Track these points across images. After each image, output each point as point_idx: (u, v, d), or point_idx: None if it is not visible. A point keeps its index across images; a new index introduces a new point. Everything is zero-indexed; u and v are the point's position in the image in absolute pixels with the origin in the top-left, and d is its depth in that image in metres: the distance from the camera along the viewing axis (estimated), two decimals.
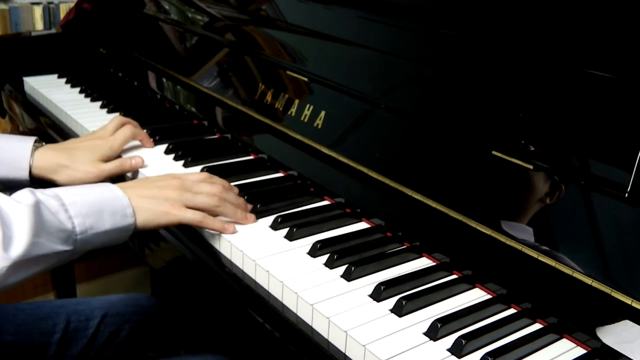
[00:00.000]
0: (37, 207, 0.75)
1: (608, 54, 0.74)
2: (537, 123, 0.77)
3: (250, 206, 0.92)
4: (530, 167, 0.75)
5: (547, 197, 0.74)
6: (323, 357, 0.70)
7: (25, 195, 0.76)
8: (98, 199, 0.81)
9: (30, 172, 1.02)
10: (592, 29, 0.76)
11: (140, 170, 1.06)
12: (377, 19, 1.01)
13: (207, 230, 0.87)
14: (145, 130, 1.15)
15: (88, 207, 0.80)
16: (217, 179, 0.93)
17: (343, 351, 0.69)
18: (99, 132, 1.11)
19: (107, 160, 1.05)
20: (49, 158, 1.03)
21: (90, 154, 1.04)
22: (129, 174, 1.07)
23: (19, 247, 0.72)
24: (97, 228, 0.80)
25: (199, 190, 0.89)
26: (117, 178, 1.05)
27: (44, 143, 1.07)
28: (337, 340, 0.69)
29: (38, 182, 1.04)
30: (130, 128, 1.10)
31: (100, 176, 1.03)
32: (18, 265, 0.72)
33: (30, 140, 1.05)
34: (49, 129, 1.33)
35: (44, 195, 0.78)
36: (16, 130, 1.53)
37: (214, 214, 0.87)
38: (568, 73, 0.76)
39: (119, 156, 1.08)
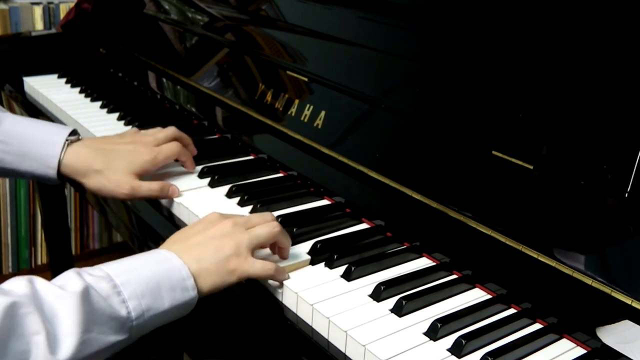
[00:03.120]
0: (86, 295, 0.63)
1: (608, 53, 0.74)
2: (537, 123, 0.77)
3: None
4: (530, 167, 0.75)
5: (546, 197, 0.74)
6: (323, 357, 0.70)
7: (71, 280, 0.64)
8: (154, 274, 0.69)
9: (59, 168, 0.93)
10: (592, 29, 0.76)
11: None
12: (377, 19, 1.01)
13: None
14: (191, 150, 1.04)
15: (144, 285, 0.67)
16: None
17: (343, 351, 0.69)
18: (144, 137, 0.99)
19: (145, 173, 0.94)
20: (82, 157, 0.93)
21: (128, 164, 0.93)
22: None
23: (67, 348, 0.60)
24: (155, 309, 0.68)
25: (253, 223, 0.77)
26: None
27: (80, 136, 0.96)
28: (337, 340, 0.69)
29: (67, 180, 0.97)
30: (178, 145, 0.99)
31: (132, 195, 0.93)
32: None
33: (63, 133, 0.94)
34: None
35: (92, 276, 0.66)
36: None
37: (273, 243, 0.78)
38: (568, 73, 0.76)
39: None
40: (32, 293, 0.61)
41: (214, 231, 0.75)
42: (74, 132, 0.96)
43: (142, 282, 0.67)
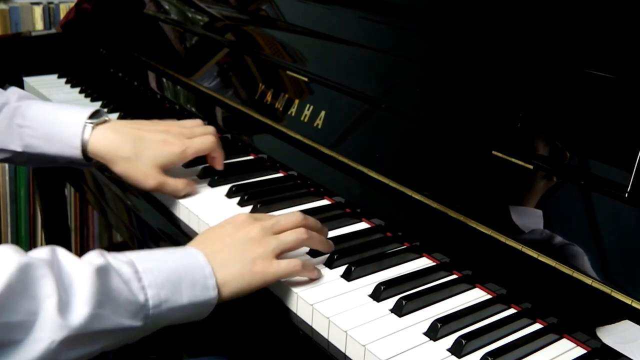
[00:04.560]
0: (106, 271, 0.63)
1: (608, 54, 0.74)
2: (537, 123, 0.77)
3: (325, 229, 0.82)
4: (530, 167, 0.75)
5: (547, 197, 0.74)
6: (323, 357, 0.70)
7: (93, 257, 0.65)
8: (177, 267, 0.68)
9: (85, 151, 0.91)
10: (591, 29, 0.76)
11: None
12: (377, 19, 1.01)
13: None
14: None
15: (165, 276, 0.67)
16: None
17: (343, 351, 0.69)
18: (177, 126, 0.96)
19: (172, 166, 0.92)
20: (109, 142, 0.90)
21: (156, 156, 0.90)
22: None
23: (77, 316, 0.59)
24: (172, 302, 0.67)
25: (281, 227, 0.76)
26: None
27: (106, 117, 0.93)
28: (337, 340, 0.69)
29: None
30: (212, 141, 0.95)
31: (158, 189, 0.91)
32: (73, 339, 0.59)
33: (84, 113, 0.92)
34: None
35: (116, 259, 0.66)
36: None
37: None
38: (568, 73, 0.76)
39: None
40: (52, 259, 0.61)
41: (241, 235, 0.74)
42: (99, 113, 0.93)
43: (164, 272, 0.67)
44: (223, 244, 0.74)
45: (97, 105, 1.35)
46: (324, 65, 1.06)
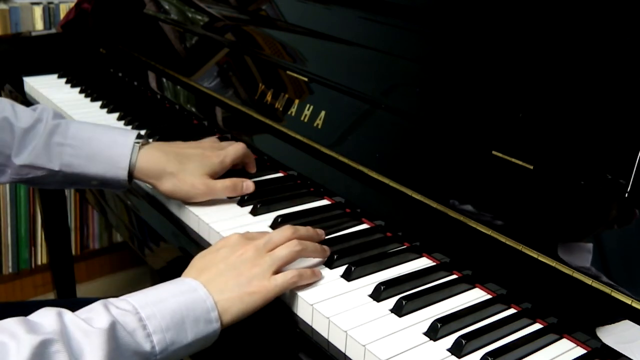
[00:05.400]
0: (113, 331, 0.63)
1: (608, 54, 0.74)
2: (537, 123, 0.77)
3: (321, 232, 0.83)
4: (530, 167, 0.75)
5: (547, 197, 0.74)
6: (323, 356, 0.70)
7: (99, 313, 0.64)
8: (180, 307, 0.68)
9: (129, 172, 0.93)
10: (592, 29, 0.76)
11: None
12: (377, 19, 1.01)
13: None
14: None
15: (169, 318, 0.67)
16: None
17: (343, 351, 0.69)
18: (207, 142, 1.02)
19: (214, 175, 0.95)
20: (155, 160, 0.93)
21: (200, 166, 0.93)
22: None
23: None
24: (178, 343, 0.68)
25: (273, 244, 0.77)
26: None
27: (149, 139, 0.95)
28: (337, 340, 0.69)
29: (135, 182, 0.97)
30: (244, 147, 1.00)
31: (208, 194, 0.92)
32: None
33: (132, 135, 0.94)
34: None
35: (119, 309, 0.66)
36: None
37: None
38: (568, 73, 0.76)
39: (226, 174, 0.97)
40: (61, 329, 0.61)
41: (235, 258, 0.75)
42: (140, 136, 0.95)
43: (167, 315, 0.67)
44: (218, 269, 0.74)
45: (97, 105, 1.35)
46: (324, 65, 1.06)
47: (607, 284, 0.66)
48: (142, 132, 0.95)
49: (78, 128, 0.96)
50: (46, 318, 0.62)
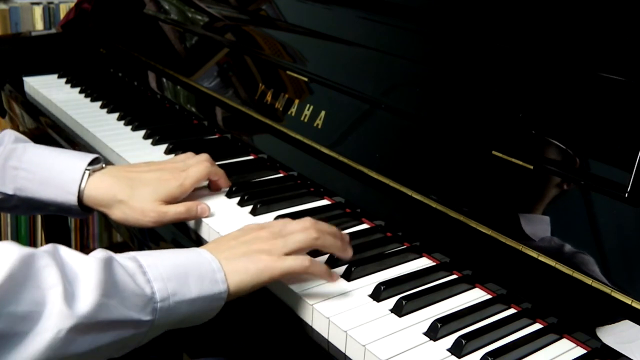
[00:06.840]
0: (109, 264, 0.63)
1: (608, 54, 0.74)
2: (537, 123, 0.77)
3: (346, 235, 0.81)
4: (531, 167, 0.75)
5: (547, 197, 0.74)
6: (323, 357, 0.70)
7: (98, 252, 0.65)
8: (182, 262, 0.68)
9: (80, 198, 0.89)
10: (592, 29, 0.76)
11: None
12: (377, 19, 1.01)
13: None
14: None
15: (171, 269, 0.67)
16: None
17: (343, 351, 0.69)
18: (170, 163, 0.95)
19: (173, 200, 0.90)
20: (105, 188, 0.89)
21: (153, 192, 0.89)
22: (190, 223, 0.93)
23: (84, 304, 0.59)
24: (181, 295, 0.66)
25: (290, 231, 0.76)
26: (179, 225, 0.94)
27: (102, 164, 0.92)
28: (337, 340, 0.69)
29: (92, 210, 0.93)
30: (206, 166, 0.94)
31: (159, 221, 0.88)
32: (81, 328, 0.59)
33: (85, 159, 0.90)
34: (49, 129, 1.33)
35: (120, 256, 0.67)
36: (16, 130, 1.53)
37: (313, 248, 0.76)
38: (568, 73, 0.76)
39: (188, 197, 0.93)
40: (54, 252, 0.61)
41: (247, 238, 0.75)
42: (97, 160, 0.92)
43: (169, 266, 0.67)
44: (229, 245, 0.74)
45: (97, 105, 1.35)
46: (324, 65, 1.06)
47: (607, 284, 0.66)
48: (98, 157, 0.92)
49: (34, 152, 0.92)
50: (41, 248, 0.62)
